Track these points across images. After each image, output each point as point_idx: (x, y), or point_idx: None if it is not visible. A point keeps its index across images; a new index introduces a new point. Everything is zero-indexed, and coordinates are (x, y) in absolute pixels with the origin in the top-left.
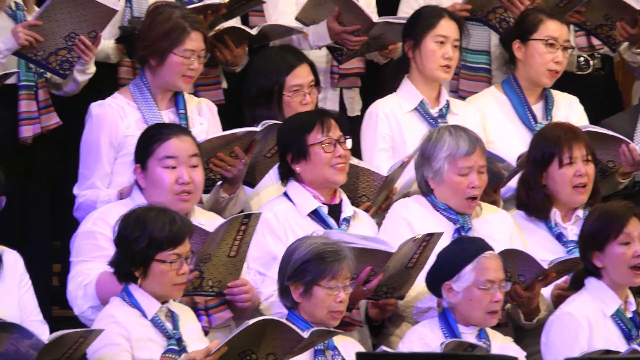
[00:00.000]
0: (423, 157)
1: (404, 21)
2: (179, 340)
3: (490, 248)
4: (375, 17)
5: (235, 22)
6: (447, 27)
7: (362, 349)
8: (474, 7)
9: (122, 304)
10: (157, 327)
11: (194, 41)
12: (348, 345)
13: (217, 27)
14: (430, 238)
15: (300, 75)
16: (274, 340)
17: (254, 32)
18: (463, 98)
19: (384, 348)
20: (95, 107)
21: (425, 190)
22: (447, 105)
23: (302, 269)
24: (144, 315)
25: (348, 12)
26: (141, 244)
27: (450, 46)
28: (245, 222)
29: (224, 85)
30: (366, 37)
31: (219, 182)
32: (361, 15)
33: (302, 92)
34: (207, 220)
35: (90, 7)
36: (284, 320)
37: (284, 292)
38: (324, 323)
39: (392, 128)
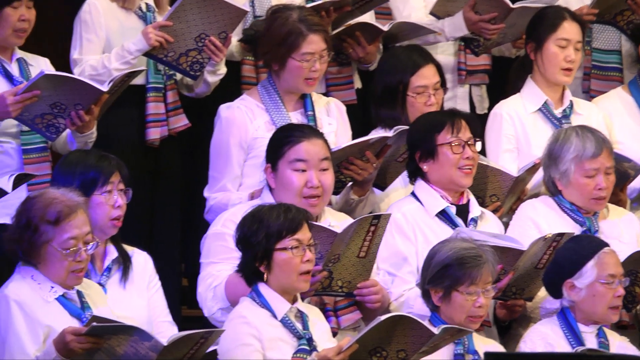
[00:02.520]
0: (550, 158)
1: (542, 5)
2: (310, 340)
3: (607, 244)
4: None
5: (369, 18)
6: (569, 30)
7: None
8: (601, 10)
9: (252, 305)
10: (287, 327)
11: (313, 44)
12: (489, 349)
13: (347, 23)
14: (561, 238)
15: (426, 76)
16: (404, 337)
17: (385, 28)
18: (594, 98)
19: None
20: (224, 110)
21: (553, 191)
22: (571, 106)
23: (441, 274)
24: (274, 315)
25: (484, 1)
26: (260, 236)
27: (573, 49)
28: (375, 223)
29: (358, 85)
30: (504, 25)
31: (349, 184)
32: (498, 2)
33: (426, 93)
34: (337, 222)
35: (221, 8)
36: (414, 317)
37: (425, 295)
38: (463, 327)
39: (517, 129)
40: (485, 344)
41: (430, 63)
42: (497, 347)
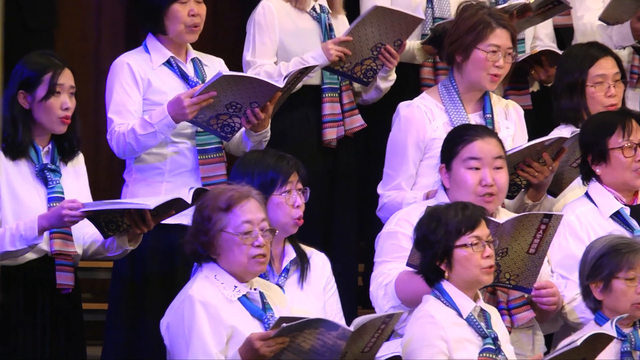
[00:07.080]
0: None
1: None
2: (495, 339)
3: None
4: None
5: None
6: None
7: None
8: None
9: (438, 303)
10: (473, 326)
11: (499, 37)
12: None
13: (535, 49)
14: None
15: (604, 67)
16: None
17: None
18: None
19: None
20: (404, 108)
21: None
22: None
23: (598, 265)
24: (459, 314)
25: None
26: (439, 234)
27: None
28: (546, 222)
29: (535, 88)
30: None
31: (523, 189)
32: None
33: (606, 83)
34: None
35: (399, 19)
36: (610, 333)
37: (586, 293)
38: (629, 317)
39: None
40: None
41: (609, 55)
42: None
